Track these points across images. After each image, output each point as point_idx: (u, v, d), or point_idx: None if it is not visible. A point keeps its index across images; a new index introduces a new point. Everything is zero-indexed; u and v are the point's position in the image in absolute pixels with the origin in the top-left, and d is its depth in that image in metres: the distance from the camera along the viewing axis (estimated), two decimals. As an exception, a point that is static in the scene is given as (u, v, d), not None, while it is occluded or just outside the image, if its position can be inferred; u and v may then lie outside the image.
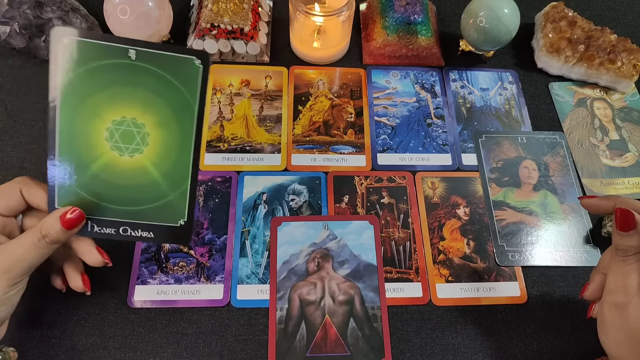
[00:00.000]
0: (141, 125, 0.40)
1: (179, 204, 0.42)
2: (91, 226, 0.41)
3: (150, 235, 0.42)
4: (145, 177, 0.41)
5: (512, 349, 0.48)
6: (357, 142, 0.59)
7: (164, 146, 0.40)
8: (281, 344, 0.46)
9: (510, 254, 0.53)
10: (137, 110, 0.40)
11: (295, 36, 0.63)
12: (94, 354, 0.45)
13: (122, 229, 0.42)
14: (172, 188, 0.41)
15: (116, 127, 0.40)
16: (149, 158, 0.40)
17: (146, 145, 0.40)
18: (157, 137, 0.40)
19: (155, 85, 0.39)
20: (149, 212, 0.42)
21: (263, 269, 0.50)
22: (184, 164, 0.41)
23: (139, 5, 0.55)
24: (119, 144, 0.40)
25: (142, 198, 0.41)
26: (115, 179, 0.41)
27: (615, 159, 0.60)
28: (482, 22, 0.58)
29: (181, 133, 0.40)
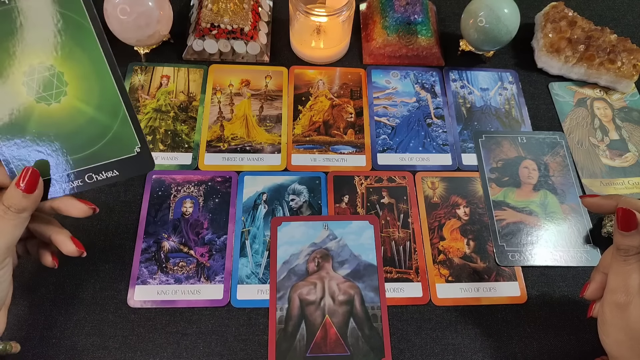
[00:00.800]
0: (51, 67, 0.38)
1: (126, 132, 0.40)
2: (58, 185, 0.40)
3: (115, 173, 0.41)
4: (81, 116, 0.39)
5: (512, 349, 0.48)
6: (357, 142, 0.59)
7: (81, 78, 0.39)
8: (281, 344, 0.46)
9: (510, 254, 0.53)
10: (39, 53, 0.38)
11: (295, 36, 0.63)
12: (94, 354, 0.45)
13: (87, 177, 0.40)
14: (110, 118, 0.40)
15: (30, 79, 0.38)
16: (75, 96, 0.39)
17: (66, 85, 0.38)
18: (71, 72, 0.38)
19: (42, 21, 0.37)
20: (102, 151, 0.40)
21: (263, 269, 0.50)
22: (109, 88, 0.39)
23: (139, 5, 0.55)
24: (42, 93, 0.38)
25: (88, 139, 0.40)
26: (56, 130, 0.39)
27: (615, 159, 0.60)
28: (482, 22, 0.58)
29: (90, 58, 0.38)
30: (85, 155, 0.40)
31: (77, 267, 0.49)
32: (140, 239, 0.51)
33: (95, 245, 0.50)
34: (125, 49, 0.61)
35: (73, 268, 0.49)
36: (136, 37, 0.57)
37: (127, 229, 0.51)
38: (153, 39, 0.59)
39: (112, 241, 0.51)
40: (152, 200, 0.53)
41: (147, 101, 0.59)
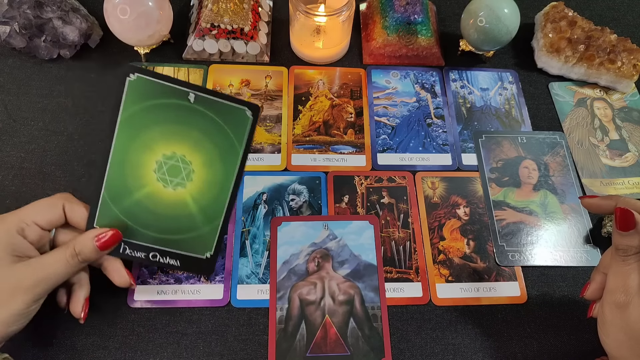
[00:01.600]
0: (188, 162, 0.43)
1: (209, 237, 0.45)
2: (123, 248, 0.43)
3: (176, 264, 0.45)
4: (183, 209, 0.44)
5: (512, 349, 0.48)
6: (357, 142, 0.59)
7: (206, 183, 0.44)
8: (281, 344, 0.46)
9: (510, 254, 0.53)
10: (187, 148, 0.43)
11: (295, 36, 0.63)
12: (94, 354, 0.45)
13: (151, 254, 0.44)
14: (205, 222, 0.44)
15: (165, 161, 0.43)
16: (190, 193, 0.44)
17: (190, 180, 0.43)
18: (202, 175, 0.43)
19: (207, 128, 0.42)
20: (179, 242, 0.44)
21: (263, 269, 0.50)
22: (221, 201, 0.44)
23: (139, 5, 0.55)
24: (165, 176, 0.43)
25: (176, 228, 0.44)
26: (155, 208, 0.43)
27: (615, 159, 0.60)
28: (482, 22, 0.58)
29: (224, 173, 0.44)
30: (164, 238, 0.44)
31: (77, 267, 0.49)
32: (141, 239, 0.51)
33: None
34: (125, 49, 0.61)
35: (73, 268, 0.49)
36: (136, 37, 0.57)
37: (127, 229, 0.51)
38: (153, 39, 0.59)
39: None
40: (152, 200, 0.53)
41: (147, 101, 0.59)
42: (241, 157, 0.43)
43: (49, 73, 0.60)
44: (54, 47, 0.59)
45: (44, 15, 0.58)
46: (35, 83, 0.59)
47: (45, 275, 0.38)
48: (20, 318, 0.38)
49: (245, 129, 0.43)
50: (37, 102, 0.58)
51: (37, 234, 0.41)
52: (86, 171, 0.54)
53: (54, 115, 0.57)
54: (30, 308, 0.38)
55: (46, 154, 0.55)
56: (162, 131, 0.42)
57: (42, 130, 0.56)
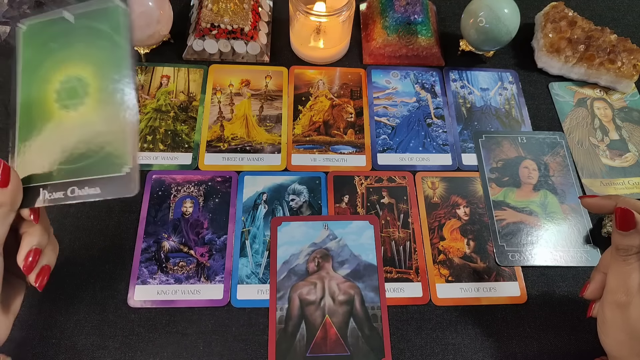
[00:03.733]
0: (82, 78, 0.40)
1: (122, 149, 0.39)
2: (42, 193, 0.39)
3: (96, 191, 0.39)
4: (89, 128, 0.39)
5: (512, 349, 0.48)
6: (357, 142, 0.59)
7: (102, 90, 0.39)
8: (281, 344, 0.46)
9: (510, 254, 0.53)
10: (76, 66, 0.40)
11: (295, 36, 0.63)
12: (94, 354, 0.45)
13: (69, 190, 0.39)
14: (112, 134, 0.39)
15: (62, 87, 0.40)
16: (91, 108, 0.39)
17: (87, 95, 0.39)
18: (96, 85, 0.40)
19: (89, 37, 0.40)
20: (92, 166, 0.39)
21: (263, 269, 0.50)
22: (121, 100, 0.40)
23: (139, 5, 0.55)
24: (65, 101, 0.40)
25: (87, 152, 0.39)
26: (63, 138, 0.39)
27: (615, 159, 0.60)
28: (482, 22, 0.58)
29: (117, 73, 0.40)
30: (78, 167, 0.39)
31: (77, 267, 0.49)
32: (140, 239, 0.51)
33: (95, 245, 0.50)
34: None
35: (73, 268, 0.49)
36: (136, 37, 0.57)
37: (127, 229, 0.51)
38: (153, 39, 0.59)
39: (112, 241, 0.51)
40: (152, 200, 0.53)
41: (147, 101, 0.59)
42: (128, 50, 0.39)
43: (49, 73, 0.60)
44: (54, 47, 0.59)
45: (44, 15, 0.57)
46: (35, 83, 0.59)
47: None
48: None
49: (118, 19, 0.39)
50: (37, 102, 0.58)
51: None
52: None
53: (54, 115, 0.57)
54: None
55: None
56: (53, 61, 0.40)
57: (42, 130, 0.56)
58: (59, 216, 0.51)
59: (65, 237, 0.50)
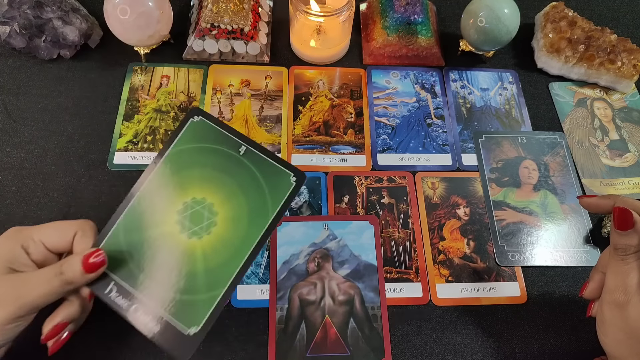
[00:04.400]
0: (215, 213, 0.40)
1: (203, 308, 0.38)
2: (111, 288, 0.39)
3: (152, 330, 0.38)
4: (189, 264, 0.39)
5: (512, 349, 0.48)
6: (357, 142, 0.59)
7: (223, 242, 0.40)
8: (281, 344, 0.46)
9: (510, 254, 0.53)
10: (219, 197, 0.41)
11: (295, 36, 0.63)
12: (94, 354, 0.45)
13: (133, 307, 0.38)
14: (206, 288, 0.38)
15: (192, 205, 0.40)
16: (203, 247, 0.39)
17: (209, 233, 0.40)
18: (222, 230, 0.40)
19: (246, 182, 0.41)
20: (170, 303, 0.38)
21: (263, 269, 0.50)
22: (231, 268, 0.39)
23: (139, 5, 0.55)
24: (186, 221, 0.40)
25: (174, 285, 0.39)
26: (161, 252, 0.39)
27: (615, 159, 0.60)
28: (482, 22, 0.58)
29: (246, 236, 0.40)
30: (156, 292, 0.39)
31: (77, 267, 0.49)
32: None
33: (96, 245, 0.50)
34: (125, 49, 0.61)
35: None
36: (136, 37, 0.57)
37: (127, 229, 0.51)
38: (153, 39, 0.59)
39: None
40: (152, 201, 0.53)
41: (147, 101, 0.59)
42: (270, 223, 0.40)
43: (49, 73, 0.60)
44: (54, 47, 0.59)
45: (44, 15, 0.58)
46: (35, 83, 0.59)
47: (25, 291, 0.35)
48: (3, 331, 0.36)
49: (284, 194, 0.40)
50: (37, 102, 0.58)
51: (42, 253, 0.39)
52: (86, 172, 0.54)
53: (54, 115, 0.57)
54: (10, 324, 0.36)
55: (46, 154, 0.55)
56: (202, 174, 0.41)
57: (42, 130, 0.56)
58: (59, 216, 0.51)
59: (66, 237, 0.50)
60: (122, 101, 0.59)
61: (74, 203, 0.52)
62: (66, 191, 0.53)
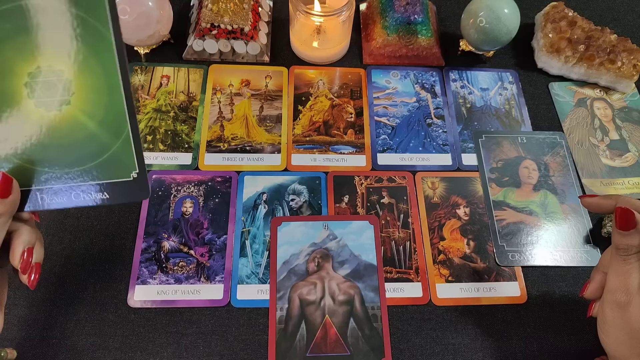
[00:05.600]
0: (59, 72, 0.35)
1: (126, 154, 0.37)
2: (41, 198, 0.37)
3: (105, 196, 0.37)
4: (81, 130, 0.36)
5: (512, 349, 0.48)
6: (357, 142, 0.59)
7: (90, 90, 0.36)
8: (281, 344, 0.46)
9: (510, 254, 0.53)
10: (49, 55, 0.35)
11: (295, 36, 0.63)
12: (94, 354, 0.45)
13: (73, 195, 0.37)
14: (112, 137, 0.36)
15: (34, 81, 0.35)
16: (79, 108, 0.36)
17: (72, 93, 0.36)
18: (81, 81, 0.36)
19: (59, 23, 0.35)
20: (96, 170, 0.37)
21: (263, 269, 0.50)
22: (117, 106, 0.36)
23: (139, 5, 0.55)
24: (43, 98, 0.35)
25: (84, 155, 0.36)
26: (50, 140, 0.36)
27: (615, 159, 0.60)
28: (482, 22, 0.58)
29: (104, 70, 0.36)
30: (77, 171, 0.37)
31: (77, 267, 0.49)
32: (140, 239, 0.51)
33: (95, 245, 0.50)
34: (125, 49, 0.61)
35: (73, 268, 0.49)
36: (136, 37, 0.57)
37: (127, 229, 0.51)
38: (153, 39, 0.59)
39: (112, 241, 0.51)
40: (152, 200, 0.53)
41: (147, 101, 0.59)
42: (115, 42, 0.35)
43: (49, 73, 0.60)
44: (54, 47, 0.59)
45: (43, 15, 0.57)
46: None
47: None
48: None
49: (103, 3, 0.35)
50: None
51: None
52: None
53: (54, 115, 0.57)
54: None
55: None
56: (13, 47, 0.34)
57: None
58: (59, 216, 0.51)
59: (65, 237, 0.50)
60: (122, 101, 0.59)
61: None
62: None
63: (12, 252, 0.36)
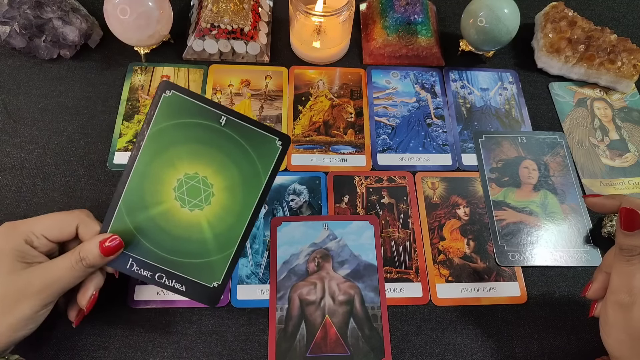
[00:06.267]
0: (210, 185, 0.42)
1: (219, 266, 0.43)
2: (131, 263, 0.42)
3: (181, 289, 0.43)
4: (197, 233, 0.42)
5: (512, 349, 0.48)
6: (357, 142, 0.59)
7: (224, 209, 0.42)
8: (281, 344, 0.46)
9: (510, 254, 0.53)
10: (210, 170, 0.42)
11: (295, 36, 0.63)
12: (94, 354, 0.45)
13: (157, 275, 0.43)
14: (218, 250, 0.43)
15: (186, 180, 0.42)
16: (206, 216, 0.42)
17: (208, 204, 0.42)
18: (221, 199, 0.42)
19: (234, 153, 0.42)
20: (188, 266, 0.43)
21: (263, 269, 0.50)
22: (237, 230, 0.43)
23: (139, 5, 0.55)
24: (184, 196, 0.42)
25: (186, 251, 0.43)
26: (168, 227, 0.42)
27: (615, 159, 0.60)
28: (482, 22, 0.58)
29: (244, 201, 0.42)
30: (172, 260, 0.43)
31: (77, 267, 0.49)
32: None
33: (95, 245, 0.50)
34: (125, 49, 0.61)
35: (73, 268, 0.49)
36: (136, 37, 0.57)
37: (127, 229, 0.51)
38: (153, 39, 0.59)
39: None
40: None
41: (147, 101, 0.59)
42: (264, 187, 0.42)
43: (49, 73, 0.60)
44: (54, 47, 0.59)
45: (44, 15, 0.58)
46: (35, 83, 0.59)
47: (51, 281, 0.38)
48: (29, 323, 0.39)
49: (273, 158, 0.42)
50: (37, 102, 0.58)
51: (46, 245, 0.41)
52: (86, 172, 0.54)
53: (54, 115, 0.57)
54: (38, 313, 0.39)
55: (46, 154, 0.55)
56: (188, 150, 0.41)
57: (42, 130, 0.56)
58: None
59: (65, 237, 0.50)
60: (122, 101, 0.59)
61: (74, 203, 0.52)
62: (66, 191, 0.53)
63: (84, 292, 0.41)
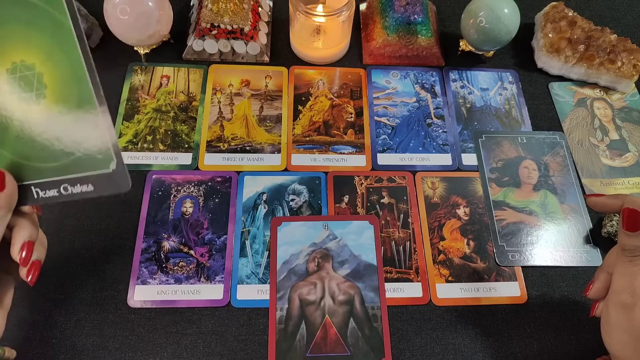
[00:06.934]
0: (31, 66, 0.36)
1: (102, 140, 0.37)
2: (35, 192, 0.38)
3: (90, 188, 0.37)
4: (59, 125, 0.37)
5: (512, 349, 0.48)
6: (357, 142, 0.59)
7: (60, 81, 0.36)
8: (281, 344, 0.46)
9: (510, 254, 0.53)
10: (20, 50, 0.36)
11: (295, 36, 0.63)
12: (94, 354, 0.45)
13: (62, 187, 0.37)
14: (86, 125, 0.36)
15: (13, 77, 0.36)
16: (54, 100, 0.36)
17: (44, 86, 0.36)
18: (50, 73, 0.36)
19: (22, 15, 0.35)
20: (77, 163, 0.37)
21: (263, 269, 0.50)
22: (86, 94, 0.36)
23: (139, 5, 0.55)
24: (24, 93, 0.36)
25: (65, 148, 0.37)
26: (35, 134, 0.37)
27: (615, 159, 0.60)
28: (482, 22, 0.58)
29: (69, 59, 0.36)
30: (60, 165, 0.37)
31: (77, 267, 0.49)
32: (140, 239, 0.51)
33: (95, 245, 0.50)
34: (125, 49, 0.61)
35: (73, 268, 0.49)
36: (136, 37, 0.57)
37: (127, 229, 0.51)
38: (153, 39, 0.59)
39: (112, 241, 0.51)
40: (152, 200, 0.53)
41: (147, 101, 0.59)
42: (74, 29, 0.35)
43: (49, 73, 0.60)
44: (54, 47, 0.59)
45: (43, 15, 0.57)
46: (35, 83, 0.59)
47: None
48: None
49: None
50: (37, 102, 0.58)
51: None
52: None
53: (53, 115, 0.57)
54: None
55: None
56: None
57: (42, 130, 0.56)
58: (59, 216, 0.51)
59: (66, 237, 0.50)
60: (122, 101, 0.59)
61: (73, 203, 0.52)
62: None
63: (12, 246, 0.37)
